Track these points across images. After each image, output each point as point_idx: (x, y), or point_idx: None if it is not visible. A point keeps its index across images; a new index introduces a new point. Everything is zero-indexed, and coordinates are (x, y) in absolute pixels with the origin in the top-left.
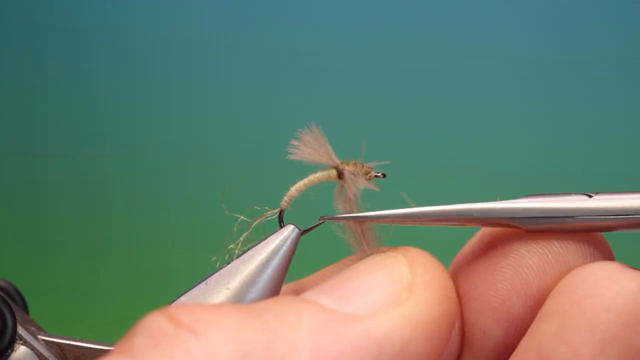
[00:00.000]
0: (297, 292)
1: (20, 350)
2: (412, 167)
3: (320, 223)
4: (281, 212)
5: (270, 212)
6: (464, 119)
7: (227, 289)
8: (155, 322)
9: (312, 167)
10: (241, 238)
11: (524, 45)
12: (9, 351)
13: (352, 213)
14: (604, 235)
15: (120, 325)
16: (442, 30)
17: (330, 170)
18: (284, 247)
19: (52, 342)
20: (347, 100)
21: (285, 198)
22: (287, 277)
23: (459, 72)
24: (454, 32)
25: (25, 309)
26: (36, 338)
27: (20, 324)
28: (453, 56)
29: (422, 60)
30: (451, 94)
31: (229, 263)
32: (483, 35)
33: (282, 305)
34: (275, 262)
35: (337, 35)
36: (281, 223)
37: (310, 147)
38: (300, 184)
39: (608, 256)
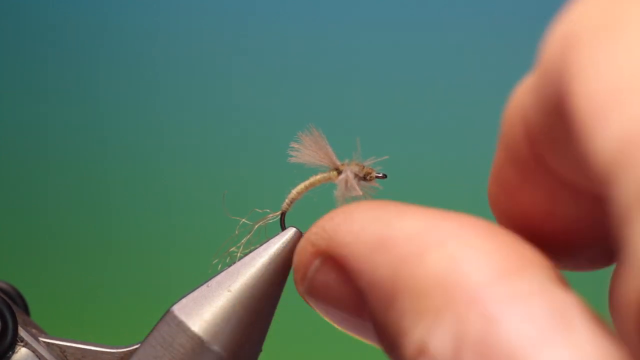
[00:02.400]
0: None
1: (22, 352)
2: (412, 167)
3: None
4: (283, 214)
5: (271, 215)
6: (465, 120)
7: (229, 291)
8: None
9: (313, 169)
10: (243, 241)
11: (525, 45)
12: (10, 353)
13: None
14: None
15: (121, 327)
16: (442, 30)
17: (332, 172)
18: (286, 250)
19: (53, 344)
20: (347, 101)
21: (287, 200)
22: (288, 280)
23: (459, 73)
24: (454, 32)
25: (26, 310)
26: (37, 340)
27: (21, 326)
28: (454, 57)
29: (422, 61)
30: (451, 94)
31: (230, 266)
32: (483, 35)
33: None
34: (277, 264)
35: (337, 36)
36: (283, 226)
37: (311, 150)
38: (301, 186)
39: None
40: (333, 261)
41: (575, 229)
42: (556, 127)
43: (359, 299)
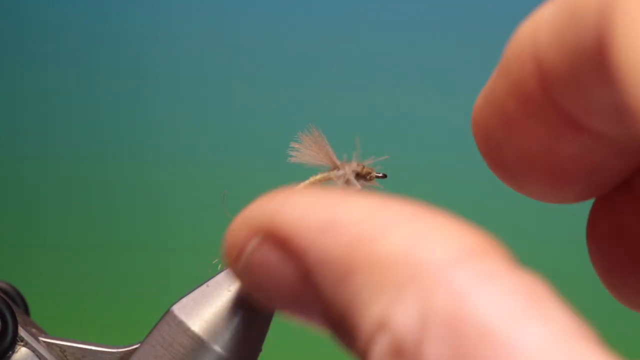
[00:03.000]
0: None
1: (22, 351)
2: (412, 167)
3: None
4: None
5: None
6: (465, 120)
7: (229, 291)
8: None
9: (313, 169)
10: None
11: None
12: (10, 352)
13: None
14: None
15: (121, 327)
16: (442, 30)
17: (331, 172)
18: None
19: (53, 343)
20: (347, 101)
21: None
22: None
23: (459, 72)
24: (454, 32)
25: (25, 310)
26: (37, 340)
27: (21, 326)
28: (454, 57)
29: (422, 60)
30: (452, 94)
31: None
32: (483, 35)
33: None
34: None
35: (337, 36)
36: None
37: (310, 149)
38: (301, 186)
39: None
40: (274, 240)
41: (567, 165)
42: (581, 70)
43: (303, 277)
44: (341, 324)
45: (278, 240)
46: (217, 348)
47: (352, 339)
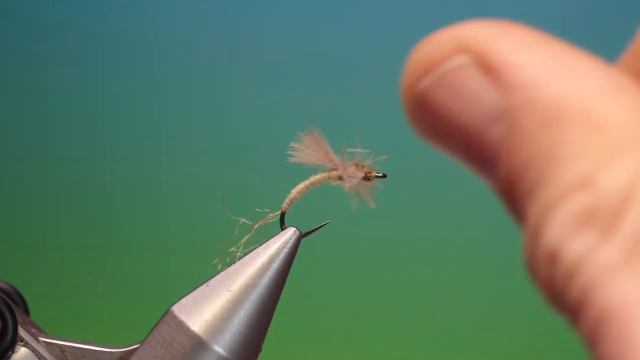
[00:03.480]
0: None
1: (22, 352)
2: (411, 166)
3: (322, 226)
4: (282, 214)
5: (271, 215)
6: None
7: (229, 291)
8: None
9: (313, 169)
10: (243, 241)
11: None
12: (10, 353)
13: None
14: None
15: (121, 327)
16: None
17: (331, 172)
18: (286, 250)
19: (53, 343)
20: (346, 101)
21: (287, 201)
22: (288, 280)
23: None
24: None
25: (26, 310)
26: (37, 340)
27: (21, 326)
28: None
29: None
30: None
31: (230, 266)
32: None
33: None
34: (277, 264)
35: (337, 36)
36: (282, 226)
37: (311, 150)
38: (302, 186)
39: None
40: (485, 65)
41: None
42: None
43: (498, 112)
44: (523, 174)
45: (489, 67)
46: (217, 348)
47: (530, 192)
